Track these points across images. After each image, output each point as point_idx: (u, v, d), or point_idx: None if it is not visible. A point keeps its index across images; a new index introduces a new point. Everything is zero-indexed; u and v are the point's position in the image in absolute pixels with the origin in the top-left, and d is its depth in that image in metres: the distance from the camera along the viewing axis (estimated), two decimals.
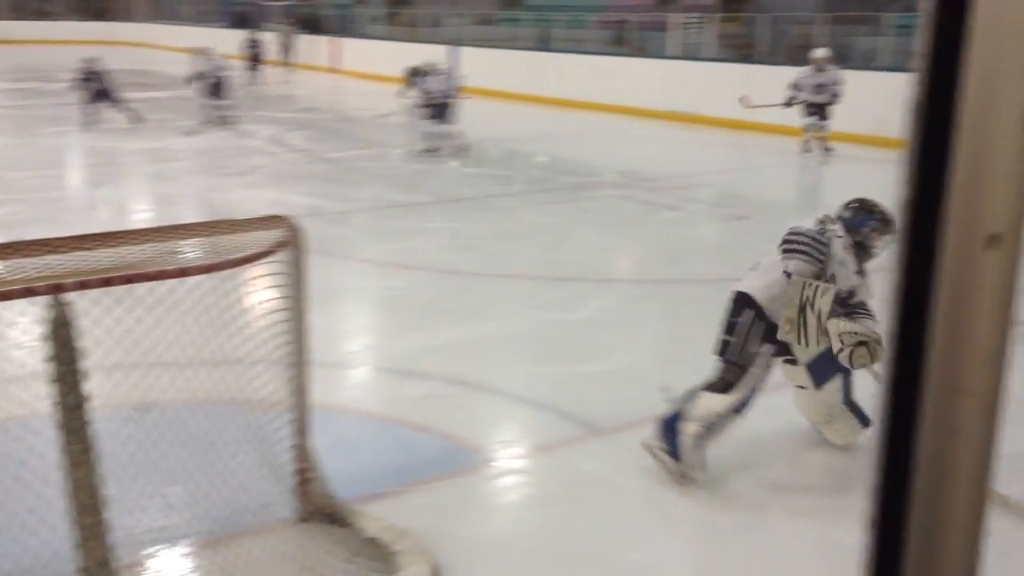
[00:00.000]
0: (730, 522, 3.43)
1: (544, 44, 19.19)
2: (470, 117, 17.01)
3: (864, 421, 3.89)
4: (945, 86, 0.69)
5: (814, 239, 3.55)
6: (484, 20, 22.32)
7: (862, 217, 3.67)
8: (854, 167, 11.29)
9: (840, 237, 3.61)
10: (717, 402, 3.56)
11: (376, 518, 3.21)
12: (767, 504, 3.56)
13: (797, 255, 3.52)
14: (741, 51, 16.19)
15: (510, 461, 3.90)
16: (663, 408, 4.03)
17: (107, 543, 2.50)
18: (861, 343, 3.34)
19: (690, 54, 16.31)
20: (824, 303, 3.35)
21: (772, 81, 13.99)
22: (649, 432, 3.68)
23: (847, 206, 3.74)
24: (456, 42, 20.70)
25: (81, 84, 13.48)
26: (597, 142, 13.83)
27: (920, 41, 0.70)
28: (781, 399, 3.98)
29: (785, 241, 3.61)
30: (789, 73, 13.91)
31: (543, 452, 3.98)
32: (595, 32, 18.47)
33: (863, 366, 3.40)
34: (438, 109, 11.62)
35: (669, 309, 5.96)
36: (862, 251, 3.68)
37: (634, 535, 3.33)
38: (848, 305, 3.61)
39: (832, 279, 3.52)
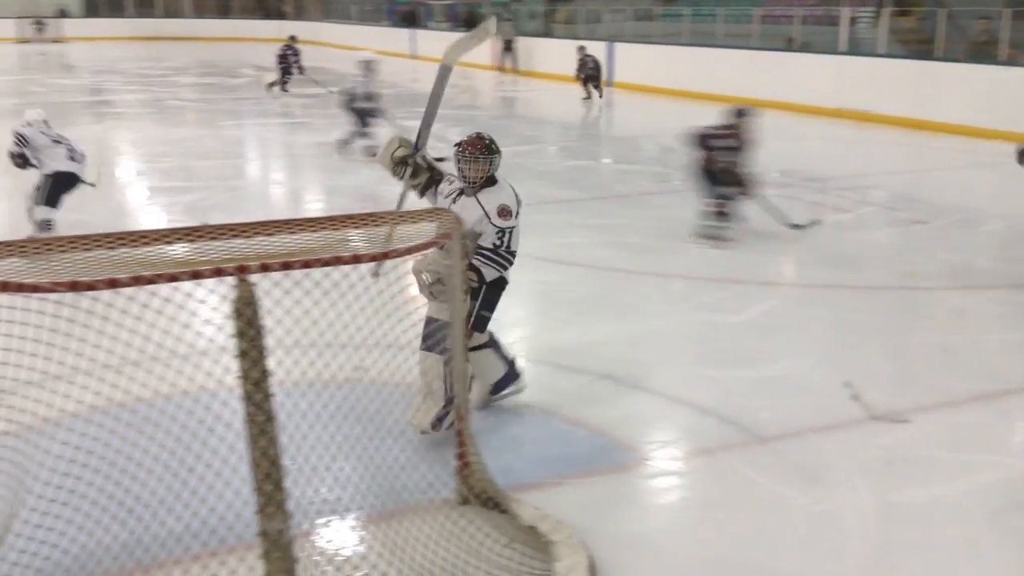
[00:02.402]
0: (898, 532, 3.25)
1: (705, 39, 18.76)
2: (627, 114, 16.92)
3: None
4: None
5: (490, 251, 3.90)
6: (644, 16, 22.07)
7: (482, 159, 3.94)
8: None
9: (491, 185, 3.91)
10: None
11: (533, 507, 3.23)
12: (937, 518, 3.35)
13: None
14: (917, 47, 15.28)
15: (667, 462, 3.84)
16: (843, 410, 3.90)
17: (285, 510, 2.63)
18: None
19: (861, 50, 15.53)
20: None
21: (953, 79, 13.16)
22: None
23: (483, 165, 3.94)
24: (614, 38, 20.60)
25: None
26: (760, 140, 13.39)
27: None
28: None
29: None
30: (971, 71, 13.06)
31: (702, 455, 3.90)
32: (759, 27, 17.90)
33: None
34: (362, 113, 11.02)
35: (837, 316, 5.69)
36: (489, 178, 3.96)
37: (794, 548, 3.21)
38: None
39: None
